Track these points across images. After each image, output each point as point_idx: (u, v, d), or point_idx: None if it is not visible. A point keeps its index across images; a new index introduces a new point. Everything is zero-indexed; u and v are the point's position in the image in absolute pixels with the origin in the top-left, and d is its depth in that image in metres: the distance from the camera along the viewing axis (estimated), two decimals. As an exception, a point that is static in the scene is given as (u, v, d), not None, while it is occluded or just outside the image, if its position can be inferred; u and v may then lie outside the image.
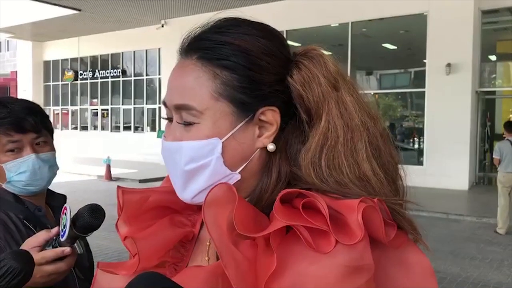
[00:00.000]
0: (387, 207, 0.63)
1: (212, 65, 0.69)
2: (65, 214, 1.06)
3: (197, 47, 0.71)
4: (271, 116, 0.69)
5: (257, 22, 0.74)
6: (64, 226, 1.06)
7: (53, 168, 1.47)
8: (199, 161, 0.69)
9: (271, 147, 0.69)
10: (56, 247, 1.09)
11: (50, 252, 1.08)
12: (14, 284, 0.90)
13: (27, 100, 1.48)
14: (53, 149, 1.48)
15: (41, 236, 1.11)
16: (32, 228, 1.37)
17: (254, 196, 0.71)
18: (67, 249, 1.08)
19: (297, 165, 0.68)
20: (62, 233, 1.07)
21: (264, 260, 0.59)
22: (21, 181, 1.39)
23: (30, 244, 1.10)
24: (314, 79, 0.69)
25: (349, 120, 0.68)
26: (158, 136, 15.89)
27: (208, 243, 0.77)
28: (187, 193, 0.72)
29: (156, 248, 0.76)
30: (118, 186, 0.80)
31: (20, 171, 1.38)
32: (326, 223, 0.57)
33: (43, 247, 1.10)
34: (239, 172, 0.70)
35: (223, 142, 0.68)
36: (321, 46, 0.76)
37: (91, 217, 1.04)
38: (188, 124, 0.69)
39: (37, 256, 1.06)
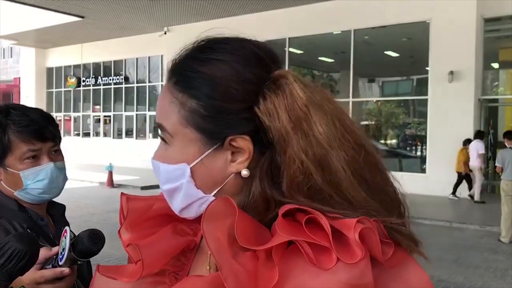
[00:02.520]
0: (384, 226, 0.63)
1: (183, 92, 0.70)
2: (65, 237, 1.05)
3: (175, 72, 0.73)
4: (242, 143, 0.68)
5: (237, 43, 0.72)
6: (63, 249, 1.05)
7: (65, 177, 1.49)
8: (173, 183, 0.71)
9: (244, 172, 0.68)
10: (56, 266, 1.08)
11: (49, 272, 1.08)
12: (21, 267, 0.90)
13: (41, 109, 1.50)
14: (63, 158, 1.50)
15: (42, 254, 1.09)
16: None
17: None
18: (66, 270, 1.07)
19: (280, 190, 0.67)
20: (60, 256, 1.06)
21: (265, 273, 0.59)
22: (38, 189, 1.40)
23: None
24: (276, 112, 0.66)
25: (321, 154, 0.65)
26: None
27: (209, 252, 0.77)
28: (174, 208, 0.75)
29: (159, 255, 0.76)
30: (122, 193, 0.81)
31: (38, 179, 1.39)
32: (328, 240, 0.58)
33: (43, 265, 1.09)
34: (213, 195, 0.70)
35: (191, 168, 0.69)
36: (293, 70, 0.75)
37: (91, 243, 1.04)
38: (165, 143, 0.72)
39: (36, 275, 1.06)
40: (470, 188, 11.31)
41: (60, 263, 1.06)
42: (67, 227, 1.07)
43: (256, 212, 0.67)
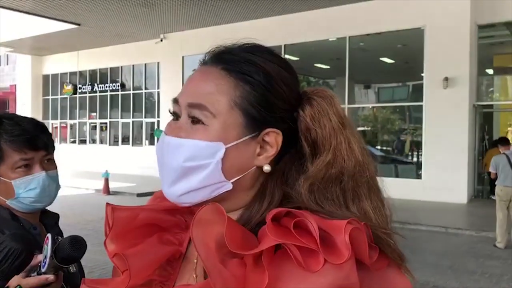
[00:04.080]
0: (372, 233, 0.65)
1: (235, 77, 0.72)
2: (47, 245, 1.05)
3: (225, 58, 0.75)
4: (274, 138, 0.72)
5: (279, 55, 0.78)
6: (45, 256, 1.05)
7: (58, 185, 1.50)
8: (199, 161, 0.71)
9: (266, 167, 0.73)
10: (41, 273, 1.08)
11: (34, 279, 1.08)
12: (17, 265, 0.90)
13: (34, 118, 1.51)
14: (56, 167, 1.51)
15: None
16: None
17: (244, 216, 0.73)
18: (50, 277, 1.08)
19: (294, 191, 0.71)
20: (43, 264, 1.06)
21: (253, 278, 0.60)
22: (30, 198, 1.41)
23: None
24: (326, 116, 0.73)
25: (355, 157, 0.72)
26: (156, 135, 15.77)
27: (195, 261, 0.78)
28: (175, 190, 0.73)
29: (145, 265, 0.77)
30: (107, 203, 0.80)
31: (29, 188, 1.40)
32: (316, 243, 0.59)
33: (28, 272, 1.10)
34: (232, 182, 0.72)
35: (226, 149, 0.71)
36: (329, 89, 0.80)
37: (72, 249, 1.04)
38: (197, 122, 0.72)
39: (22, 282, 1.06)
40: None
41: (43, 270, 1.06)
42: (49, 234, 1.07)
43: (255, 211, 0.71)
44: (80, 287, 0.82)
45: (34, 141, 1.41)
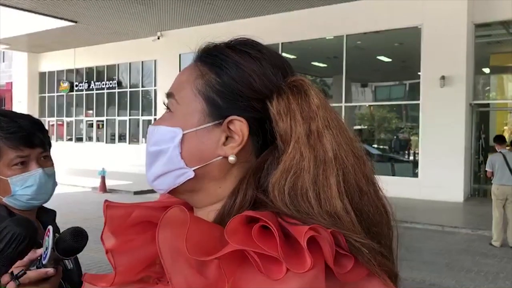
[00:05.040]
0: (346, 240, 0.61)
1: (207, 67, 0.74)
2: (48, 236, 1.05)
3: (204, 52, 0.77)
4: (239, 127, 0.70)
5: (268, 49, 0.77)
6: (46, 248, 1.05)
7: (55, 183, 1.49)
8: (160, 146, 0.74)
9: (231, 158, 0.70)
10: (40, 267, 1.08)
11: (33, 273, 1.07)
12: (21, 250, 0.90)
13: (30, 115, 1.50)
14: (53, 164, 1.50)
15: (26, 256, 1.11)
16: None
17: (218, 216, 0.71)
18: (50, 270, 1.07)
19: (265, 190, 0.68)
20: (44, 255, 1.06)
21: (215, 281, 0.59)
22: (26, 195, 1.40)
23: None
24: (289, 109, 0.70)
25: (321, 153, 0.67)
26: None
27: None
28: (149, 175, 0.76)
29: (134, 262, 0.77)
30: (105, 200, 0.81)
31: (26, 185, 1.40)
32: (277, 250, 0.57)
33: (27, 267, 1.08)
34: (194, 170, 0.72)
35: (184, 134, 0.72)
36: (306, 77, 0.77)
37: (73, 240, 1.04)
38: (169, 110, 0.75)
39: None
40: None
41: (44, 262, 1.05)
42: (50, 227, 1.07)
43: (228, 208, 0.69)
44: (83, 285, 0.82)
45: (30, 138, 1.40)
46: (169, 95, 0.76)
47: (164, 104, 0.77)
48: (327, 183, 0.65)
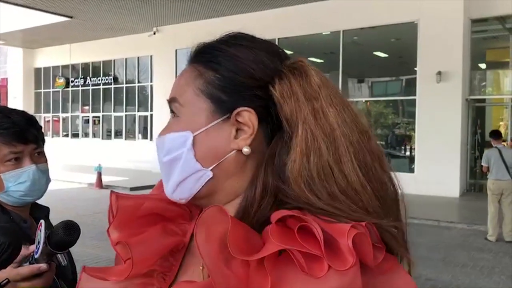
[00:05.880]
0: (377, 228, 0.63)
1: (202, 66, 0.74)
2: (40, 231, 1.04)
3: (197, 53, 0.77)
4: (247, 117, 0.70)
5: (259, 38, 0.78)
6: (38, 242, 1.04)
7: (48, 179, 1.49)
8: (173, 153, 0.72)
9: (246, 150, 0.70)
10: (33, 263, 1.07)
11: (26, 269, 1.06)
12: (4, 259, 0.89)
13: (24, 111, 1.49)
14: (47, 160, 1.49)
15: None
16: None
17: (240, 209, 0.71)
18: (43, 266, 1.07)
19: (284, 178, 0.68)
20: (36, 250, 1.05)
21: (256, 280, 0.59)
22: (19, 191, 1.40)
23: None
24: (292, 91, 0.70)
25: (329, 131, 0.67)
26: None
27: None
28: (168, 188, 0.75)
29: (148, 254, 0.76)
30: (112, 191, 0.80)
31: (19, 181, 1.39)
32: (320, 248, 0.58)
33: (20, 263, 1.08)
34: (211, 170, 0.71)
35: (194, 136, 0.71)
36: (306, 58, 0.76)
37: (65, 234, 1.03)
38: (175, 115, 0.75)
39: (13, 273, 1.05)
40: None
41: (36, 256, 1.05)
42: (42, 221, 1.06)
43: (250, 199, 0.69)
44: (80, 276, 0.81)
45: (24, 134, 1.39)
46: (171, 100, 0.75)
47: (170, 109, 0.76)
48: (341, 161, 0.66)
